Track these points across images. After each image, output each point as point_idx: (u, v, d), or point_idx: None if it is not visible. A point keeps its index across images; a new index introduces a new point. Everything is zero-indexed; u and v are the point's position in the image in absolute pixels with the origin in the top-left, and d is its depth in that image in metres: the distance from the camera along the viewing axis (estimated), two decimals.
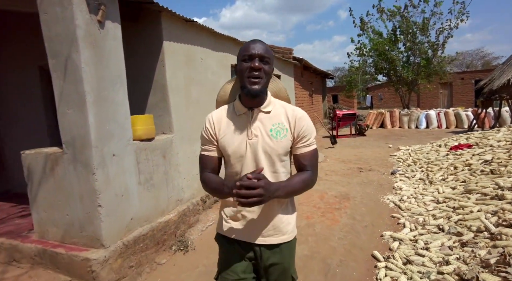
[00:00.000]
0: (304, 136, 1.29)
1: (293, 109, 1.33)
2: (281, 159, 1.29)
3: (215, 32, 4.45)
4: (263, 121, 1.28)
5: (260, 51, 1.20)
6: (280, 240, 1.32)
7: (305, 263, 2.87)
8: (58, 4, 2.41)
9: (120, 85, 2.75)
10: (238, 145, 1.27)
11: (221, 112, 1.36)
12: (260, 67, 1.19)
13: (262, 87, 1.22)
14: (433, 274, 2.42)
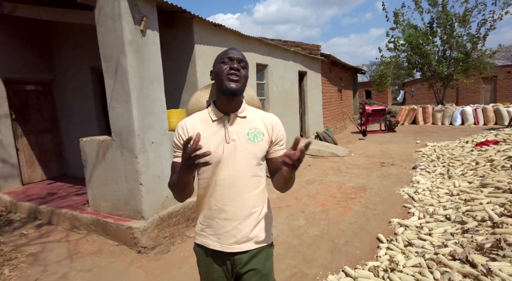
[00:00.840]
0: (280, 140, 1.34)
1: (268, 115, 1.37)
2: (259, 162, 1.30)
3: (240, 34, 4.87)
4: (240, 126, 1.28)
5: (239, 55, 1.25)
6: (256, 245, 1.30)
7: (314, 241, 3.22)
8: (110, 18, 2.96)
9: (158, 84, 3.26)
10: (215, 149, 1.23)
11: (195, 119, 1.33)
12: (239, 68, 1.23)
13: (240, 87, 1.24)
14: (428, 254, 2.67)
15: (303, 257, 2.94)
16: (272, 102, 6.13)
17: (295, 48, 9.63)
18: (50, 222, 3.92)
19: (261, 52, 5.66)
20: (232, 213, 1.26)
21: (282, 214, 3.98)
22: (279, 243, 3.24)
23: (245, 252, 1.28)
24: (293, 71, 7.19)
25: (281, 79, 6.57)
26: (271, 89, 6.10)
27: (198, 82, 3.99)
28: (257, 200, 1.29)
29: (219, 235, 1.28)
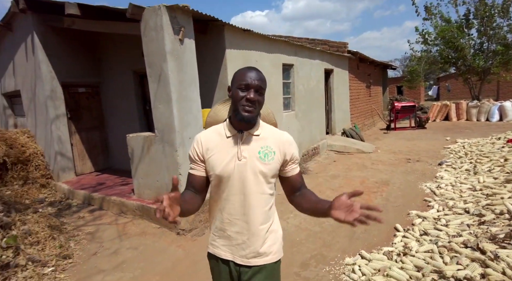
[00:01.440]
0: (292, 159, 1.34)
1: (281, 133, 1.36)
2: (268, 181, 1.30)
3: (267, 37, 5.19)
4: (252, 144, 1.30)
5: (257, 82, 1.23)
6: (263, 261, 1.32)
7: (334, 229, 3.50)
8: (153, 30, 3.41)
9: (194, 86, 3.69)
10: (226, 165, 1.27)
11: (210, 133, 1.36)
12: (255, 99, 1.21)
13: (255, 115, 1.25)
14: (441, 242, 2.86)
15: (323, 242, 3.23)
16: (297, 100, 6.40)
17: (322, 46, 9.78)
18: (101, 208, 4.51)
19: (287, 53, 5.95)
20: (242, 227, 1.29)
21: None
22: (301, 229, 3.56)
23: (251, 266, 1.30)
24: (319, 69, 7.40)
25: (307, 78, 6.81)
26: (297, 87, 6.37)
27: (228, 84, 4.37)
28: (266, 217, 1.31)
29: (231, 246, 1.32)
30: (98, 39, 5.91)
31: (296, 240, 3.33)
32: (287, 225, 3.69)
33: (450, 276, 2.30)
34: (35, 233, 3.35)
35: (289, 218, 3.88)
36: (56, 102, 5.36)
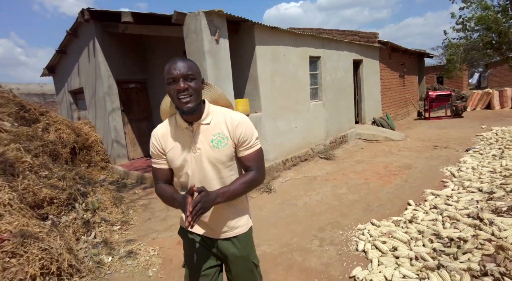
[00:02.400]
0: (244, 141, 1.35)
1: (232, 116, 1.36)
2: (226, 165, 1.36)
3: (294, 33, 5.63)
4: (204, 133, 1.33)
5: (182, 70, 1.22)
6: (234, 233, 1.42)
7: (352, 203, 3.93)
8: (194, 32, 4.03)
9: (228, 80, 4.27)
10: (184, 159, 1.33)
11: (165, 127, 1.40)
12: (185, 87, 1.22)
13: (195, 104, 1.25)
14: (446, 212, 3.19)
15: (340, 213, 3.69)
16: (324, 90, 6.77)
17: (353, 36, 9.93)
18: (152, 185, 5.30)
19: (314, 46, 6.33)
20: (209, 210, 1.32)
21: (328, 185, 4.73)
22: (322, 203, 4.03)
23: (226, 239, 1.42)
24: (347, 60, 7.66)
25: (335, 69, 7.13)
26: (324, 78, 6.73)
27: (258, 77, 4.91)
28: None
29: (202, 224, 1.42)
30: (145, 41, 6.73)
31: (316, 211, 3.81)
32: (309, 200, 4.18)
33: (445, 237, 2.67)
34: (103, 201, 4.18)
35: (312, 194, 4.35)
36: (112, 97, 6.26)
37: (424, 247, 2.63)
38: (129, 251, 3.23)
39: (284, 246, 3.03)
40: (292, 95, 5.73)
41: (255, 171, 1.36)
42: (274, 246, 3.06)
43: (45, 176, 3.74)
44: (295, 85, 5.81)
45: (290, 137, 5.72)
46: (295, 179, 5.17)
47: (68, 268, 2.71)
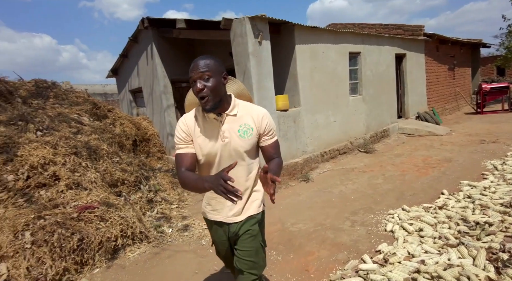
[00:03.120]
0: (269, 131, 1.51)
1: (256, 109, 1.50)
2: (250, 153, 1.49)
3: (333, 31, 5.87)
4: (231, 124, 1.44)
5: (198, 70, 1.32)
6: (250, 213, 1.55)
7: (386, 192, 4.15)
8: (240, 36, 4.51)
9: (269, 78, 4.70)
10: (212, 147, 1.42)
11: (193, 116, 1.48)
12: (202, 88, 1.32)
13: (213, 102, 1.36)
14: (478, 201, 3.30)
15: (373, 200, 3.94)
16: (365, 84, 6.89)
17: (397, 30, 9.77)
18: None
19: (354, 42, 6.48)
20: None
21: (364, 176, 4.95)
22: (357, 192, 4.29)
23: (238, 222, 1.54)
24: (388, 54, 7.65)
25: (375, 63, 7.19)
26: (364, 73, 6.85)
27: (297, 74, 5.26)
28: (250, 183, 1.52)
29: (221, 210, 1.54)
30: (196, 44, 7.41)
31: (350, 198, 4.10)
32: (345, 188, 4.46)
33: (471, 221, 2.84)
34: (162, 185, 4.86)
35: (347, 184, 4.63)
36: (167, 95, 7.02)
37: (450, 229, 2.83)
38: (185, 225, 3.82)
39: (318, 225, 3.40)
40: (330, 90, 5.99)
41: (279, 158, 1.53)
42: (309, 224, 3.44)
43: (117, 162, 4.50)
44: (333, 81, 6.06)
45: (328, 131, 6.00)
46: (333, 171, 5.45)
47: (139, 234, 3.36)
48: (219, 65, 1.39)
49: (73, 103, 6.27)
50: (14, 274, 2.52)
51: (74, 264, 2.80)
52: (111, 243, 3.07)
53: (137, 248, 3.24)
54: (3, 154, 3.44)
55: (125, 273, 2.85)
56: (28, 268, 2.57)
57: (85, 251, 2.90)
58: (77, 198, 3.35)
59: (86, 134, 4.58)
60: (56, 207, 3.12)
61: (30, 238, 2.71)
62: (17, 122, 3.99)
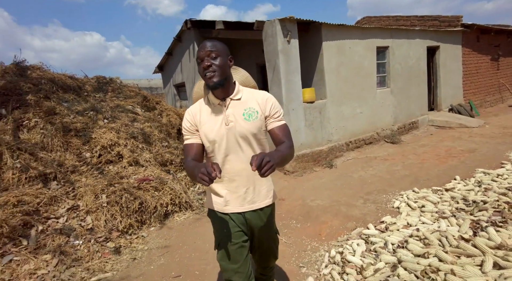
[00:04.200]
0: (274, 113, 1.47)
1: (260, 93, 1.51)
2: (257, 138, 1.45)
3: (361, 27, 6.19)
4: (235, 108, 1.43)
5: (207, 49, 1.34)
6: (264, 204, 1.54)
7: (402, 177, 4.52)
8: (270, 36, 5.07)
9: (296, 73, 5.22)
10: (217, 131, 1.40)
11: (198, 106, 1.50)
12: (209, 64, 1.33)
13: (219, 78, 1.35)
14: (485, 185, 3.60)
15: (388, 183, 4.35)
16: (393, 77, 7.10)
17: (432, 21, 9.66)
18: None
19: (382, 37, 6.72)
20: (240, 182, 1.47)
21: (385, 163, 5.32)
22: (375, 177, 4.71)
23: (254, 211, 1.53)
24: (419, 48, 7.73)
25: (405, 56, 7.35)
26: (393, 66, 7.06)
27: (324, 68, 5.71)
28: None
29: (232, 200, 1.50)
30: (232, 43, 8.07)
31: (368, 181, 4.53)
32: (364, 173, 4.89)
33: (470, 200, 3.20)
34: None
35: (368, 170, 5.04)
36: None
37: (449, 206, 3.21)
38: None
39: (334, 202, 3.91)
40: (357, 83, 6.34)
41: (289, 142, 1.45)
42: (326, 201, 3.97)
43: (166, 146, 5.32)
44: (360, 74, 6.39)
45: (354, 122, 6.37)
46: (357, 159, 5.86)
47: (184, 204, 4.11)
48: (226, 48, 1.43)
49: (127, 96, 7.24)
50: (96, 224, 3.37)
51: (136, 222, 3.61)
52: (163, 209, 3.85)
53: (182, 214, 4.00)
54: (82, 137, 4.37)
55: (174, 231, 3.60)
56: (105, 220, 3.41)
57: (144, 213, 3.70)
58: (136, 172, 4.18)
59: (141, 122, 5.45)
60: (121, 179, 3.96)
61: (105, 200, 3.55)
62: (89, 112, 4.93)
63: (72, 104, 5.13)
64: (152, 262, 2.94)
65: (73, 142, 4.31)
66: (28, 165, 3.79)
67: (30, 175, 3.72)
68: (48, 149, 4.13)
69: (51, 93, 5.14)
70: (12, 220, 3.02)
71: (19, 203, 3.22)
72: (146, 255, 3.09)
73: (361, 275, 2.32)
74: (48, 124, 4.34)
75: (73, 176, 3.96)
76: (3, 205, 3.13)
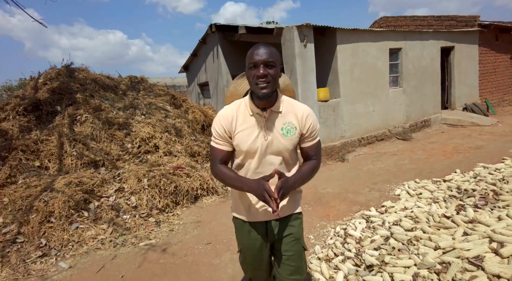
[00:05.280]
0: (312, 132, 1.44)
1: (300, 107, 1.44)
2: (290, 153, 1.44)
3: (374, 30, 6.59)
4: (275, 121, 1.38)
5: (264, 57, 1.27)
6: (290, 211, 1.50)
7: (408, 170, 4.95)
8: (288, 41, 5.59)
9: (312, 73, 5.72)
10: (253, 143, 1.36)
11: (234, 110, 1.42)
12: (265, 73, 1.26)
13: (270, 90, 1.29)
14: (479, 177, 3.99)
15: (394, 175, 4.79)
16: (405, 77, 7.44)
17: (449, 21, 9.84)
18: None
19: (395, 39, 7.08)
20: None
21: (393, 158, 5.73)
22: (382, 169, 5.16)
23: (282, 221, 1.49)
24: (433, 48, 8.00)
25: (418, 57, 7.66)
26: (405, 67, 7.40)
27: (338, 69, 6.17)
28: None
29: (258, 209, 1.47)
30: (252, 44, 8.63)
31: (375, 173, 4.99)
32: (373, 167, 5.34)
33: (462, 189, 3.62)
34: None
35: (376, 164, 5.49)
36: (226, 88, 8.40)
37: (443, 193, 3.64)
38: None
39: (343, 190, 4.42)
40: (370, 83, 6.75)
41: (317, 160, 1.47)
42: (336, 189, 4.48)
43: (194, 139, 5.97)
44: (373, 75, 6.80)
45: (367, 119, 6.79)
46: (368, 154, 6.30)
47: (211, 189, 4.73)
48: (280, 57, 1.38)
49: (157, 94, 7.96)
50: (139, 203, 4.04)
51: (172, 202, 4.26)
52: (193, 192, 4.48)
53: (210, 198, 4.61)
54: (124, 130, 5.08)
55: (204, 210, 4.22)
56: (147, 200, 4.08)
57: (178, 195, 4.34)
58: (170, 161, 4.84)
59: (172, 118, 6.12)
60: (159, 166, 4.62)
61: (146, 183, 4.22)
62: (129, 109, 5.65)
63: (113, 101, 5.86)
64: (187, 233, 3.57)
65: (117, 134, 5.02)
66: (82, 153, 4.52)
67: (84, 161, 4.45)
68: (97, 140, 4.86)
69: (94, 91, 5.90)
70: (76, 196, 3.73)
71: (79, 183, 3.94)
72: (182, 228, 3.73)
73: (359, 245, 2.84)
74: (96, 119, 5.08)
75: (118, 163, 4.66)
76: (68, 185, 3.85)
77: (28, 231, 3.31)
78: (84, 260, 3.10)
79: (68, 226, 3.48)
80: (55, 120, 5.00)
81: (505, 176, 3.98)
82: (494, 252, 2.08)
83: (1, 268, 2.93)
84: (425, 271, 2.14)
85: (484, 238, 2.26)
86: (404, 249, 2.49)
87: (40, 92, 5.40)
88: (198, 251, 3.14)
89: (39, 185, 3.86)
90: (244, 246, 1.58)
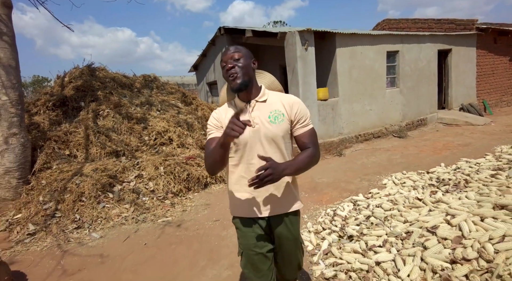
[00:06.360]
0: (300, 118, 1.46)
1: (287, 96, 1.50)
2: (284, 141, 1.45)
3: (372, 34, 7.06)
4: (261, 110, 1.44)
5: (230, 53, 1.39)
6: (289, 209, 1.53)
7: (398, 163, 5.42)
8: (290, 44, 6.10)
9: (312, 75, 6.23)
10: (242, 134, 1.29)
11: (224, 108, 1.53)
12: (232, 65, 1.37)
13: (242, 79, 1.37)
14: (459, 170, 4.46)
15: (384, 168, 5.28)
16: (402, 78, 7.89)
17: (449, 25, 10.23)
18: None
19: (392, 42, 7.53)
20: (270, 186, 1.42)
21: (387, 153, 6.21)
22: (375, 163, 5.64)
23: (281, 219, 1.52)
24: (430, 51, 8.42)
25: (415, 60, 8.09)
26: (402, 68, 7.84)
27: (337, 71, 6.65)
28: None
29: (257, 203, 1.48)
30: (259, 48, 9.16)
31: (368, 166, 5.49)
32: (366, 161, 5.83)
33: (441, 178, 4.10)
34: None
35: (370, 158, 5.97)
36: None
37: (424, 183, 4.13)
38: None
39: (337, 180, 4.93)
40: (367, 84, 7.22)
41: (313, 148, 1.45)
42: (330, 179, 4.99)
43: (203, 134, 6.52)
44: (371, 76, 7.27)
45: (364, 118, 7.27)
46: (364, 150, 6.77)
47: (219, 177, 5.27)
48: (249, 52, 1.47)
49: (169, 92, 8.54)
50: (156, 188, 4.61)
51: (184, 188, 4.81)
52: (204, 180, 5.04)
53: (218, 185, 5.16)
54: (141, 124, 5.66)
55: (212, 195, 4.77)
56: (163, 185, 4.64)
57: (190, 182, 4.90)
58: (183, 152, 5.40)
59: (184, 114, 6.69)
60: (173, 156, 5.19)
61: (162, 170, 4.79)
62: (145, 105, 6.22)
63: (130, 98, 6.44)
64: (198, 213, 4.12)
65: (135, 128, 5.60)
66: (105, 144, 5.11)
67: (107, 151, 5.04)
68: (118, 132, 5.44)
69: (113, 89, 6.49)
70: (102, 180, 4.31)
71: (104, 170, 4.52)
72: (194, 208, 4.29)
73: (344, 222, 3.36)
74: (117, 114, 5.66)
75: (137, 153, 5.24)
76: (95, 170, 4.44)
77: (64, 208, 3.91)
78: (111, 232, 3.68)
79: (96, 205, 4.06)
80: (79, 115, 5.61)
81: (481, 168, 4.45)
82: (447, 222, 2.58)
83: (46, 236, 3.52)
84: (393, 238, 2.66)
85: (442, 212, 2.76)
86: (380, 224, 3.00)
87: (66, 89, 6.00)
88: (208, 226, 3.70)
89: (70, 171, 4.45)
90: (246, 245, 1.53)
